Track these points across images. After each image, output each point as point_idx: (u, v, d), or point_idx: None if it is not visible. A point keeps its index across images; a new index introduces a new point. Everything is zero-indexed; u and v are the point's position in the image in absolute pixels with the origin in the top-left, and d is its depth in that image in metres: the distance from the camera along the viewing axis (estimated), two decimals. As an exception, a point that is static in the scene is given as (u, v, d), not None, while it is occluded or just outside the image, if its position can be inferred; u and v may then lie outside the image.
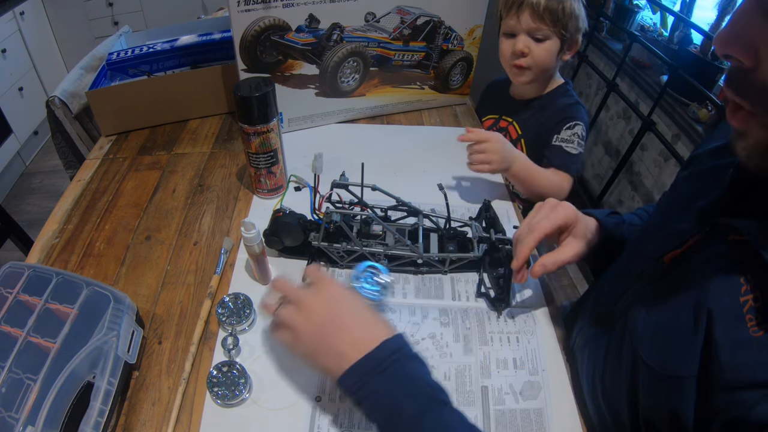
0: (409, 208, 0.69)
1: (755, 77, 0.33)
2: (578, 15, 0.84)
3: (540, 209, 0.61)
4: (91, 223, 0.78)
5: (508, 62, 0.89)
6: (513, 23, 0.85)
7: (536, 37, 0.85)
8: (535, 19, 0.83)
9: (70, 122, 1.02)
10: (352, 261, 0.69)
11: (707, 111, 1.40)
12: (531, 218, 0.61)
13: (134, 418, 0.53)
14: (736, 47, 0.33)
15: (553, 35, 0.84)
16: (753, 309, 0.36)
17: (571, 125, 0.87)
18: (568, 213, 0.60)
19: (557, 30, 0.84)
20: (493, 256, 0.67)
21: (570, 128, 0.87)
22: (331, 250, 0.67)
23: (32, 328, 0.53)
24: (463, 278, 0.69)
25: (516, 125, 0.96)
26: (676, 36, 1.64)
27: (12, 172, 2.25)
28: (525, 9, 0.83)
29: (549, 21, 0.83)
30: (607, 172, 1.86)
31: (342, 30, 0.90)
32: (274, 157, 0.76)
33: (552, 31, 0.84)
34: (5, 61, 2.12)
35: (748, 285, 0.37)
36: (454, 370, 0.58)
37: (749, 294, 0.36)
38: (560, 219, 0.59)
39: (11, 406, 0.47)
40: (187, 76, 0.99)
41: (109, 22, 2.57)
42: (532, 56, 0.86)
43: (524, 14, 0.83)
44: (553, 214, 0.59)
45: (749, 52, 0.32)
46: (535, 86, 0.93)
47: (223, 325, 0.60)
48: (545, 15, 0.82)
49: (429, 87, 1.06)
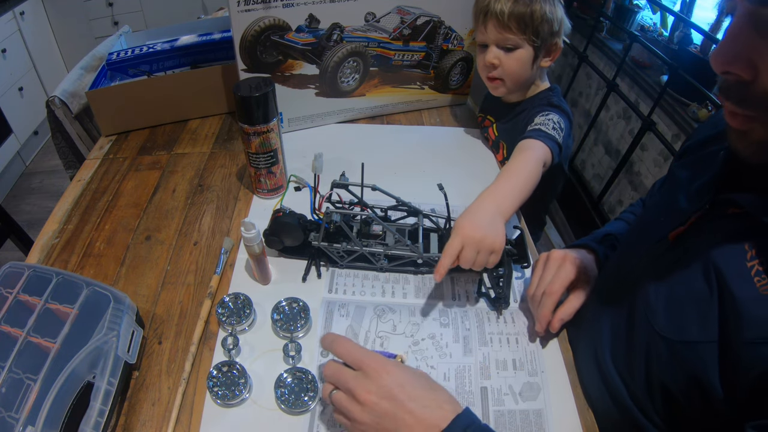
0: (409, 208, 0.69)
1: (755, 88, 0.34)
2: (551, 18, 0.79)
3: (547, 266, 0.62)
4: (91, 223, 0.78)
5: (483, 75, 0.87)
6: (481, 35, 0.83)
7: (506, 47, 0.81)
8: (500, 29, 0.79)
9: (70, 122, 1.02)
10: (352, 261, 0.69)
11: (707, 111, 1.40)
12: (540, 277, 0.62)
13: (134, 418, 0.53)
14: (734, 64, 0.34)
15: (524, 43, 0.80)
16: (760, 272, 0.38)
17: (545, 113, 0.82)
18: (575, 267, 0.61)
19: (527, 37, 0.79)
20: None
21: (544, 115, 0.81)
22: (331, 250, 0.67)
23: (32, 328, 0.53)
24: (463, 278, 0.69)
25: (494, 128, 0.95)
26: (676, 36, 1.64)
27: (12, 172, 2.25)
28: (490, 19, 0.79)
29: (516, 29, 0.78)
30: (607, 172, 1.86)
31: (342, 30, 0.90)
32: (274, 157, 0.76)
33: (521, 39, 0.79)
34: (5, 61, 2.12)
35: (752, 251, 0.39)
36: (453, 370, 0.58)
37: (755, 259, 0.39)
38: (571, 276, 0.60)
39: (11, 406, 0.47)
40: (187, 76, 0.99)
41: (109, 22, 2.57)
42: (502, 67, 0.82)
43: (490, 24, 0.80)
44: (563, 273, 0.61)
45: (747, 67, 0.34)
46: (516, 93, 0.90)
47: (223, 325, 0.60)
48: (511, 23, 0.78)
49: (429, 87, 1.06)
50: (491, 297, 0.65)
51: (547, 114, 0.81)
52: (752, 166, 0.40)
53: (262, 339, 0.61)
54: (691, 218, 0.46)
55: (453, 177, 0.89)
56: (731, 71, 0.35)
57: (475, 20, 0.83)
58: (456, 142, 1.00)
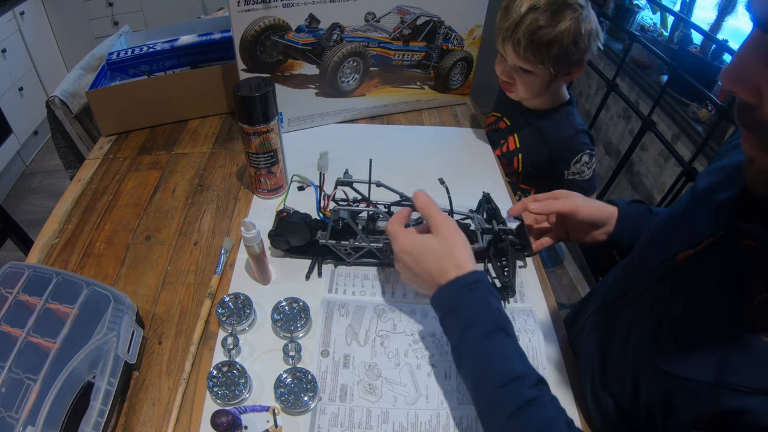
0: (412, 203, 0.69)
1: (759, 114, 0.33)
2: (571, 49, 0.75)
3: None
4: (91, 223, 0.78)
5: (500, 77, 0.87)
6: (501, 51, 0.82)
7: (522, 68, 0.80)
8: (516, 57, 0.78)
9: (70, 122, 1.02)
10: (360, 258, 0.69)
11: (707, 111, 1.40)
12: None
13: (134, 418, 0.53)
14: (740, 86, 0.33)
15: (540, 71, 0.78)
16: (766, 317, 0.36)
17: (577, 158, 0.85)
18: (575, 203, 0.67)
19: (544, 66, 0.77)
20: (497, 246, 0.68)
21: (577, 161, 0.85)
22: (338, 248, 0.67)
23: (32, 328, 0.53)
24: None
25: (516, 137, 0.94)
26: (676, 36, 1.64)
27: (12, 172, 2.25)
28: (508, 43, 0.78)
29: (532, 60, 0.76)
30: (607, 172, 1.86)
31: (342, 30, 0.90)
32: (274, 157, 0.76)
33: (538, 68, 0.78)
34: (5, 61, 2.12)
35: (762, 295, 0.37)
36: (454, 368, 0.57)
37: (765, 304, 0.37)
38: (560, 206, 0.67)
39: (11, 406, 0.47)
40: (187, 76, 0.99)
41: (109, 22, 2.56)
42: (516, 84, 0.82)
43: (508, 48, 0.79)
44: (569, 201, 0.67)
45: (753, 91, 0.33)
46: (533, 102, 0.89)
47: (223, 325, 0.60)
48: (527, 55, 0.76)
49: (429, 87, 1.06)
50: (497, 287, 0.65)
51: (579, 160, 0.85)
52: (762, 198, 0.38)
53: (262, 339, 0.61)
54: (704, 242, 0.44)
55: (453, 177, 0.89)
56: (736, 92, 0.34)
57: (496, 35, 0.81)
58: (456, 142, 1.00)
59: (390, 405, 0.54)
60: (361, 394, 0.55)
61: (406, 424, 0.53)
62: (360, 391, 0.55)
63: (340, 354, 0.59)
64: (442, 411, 0.54)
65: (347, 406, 0.54)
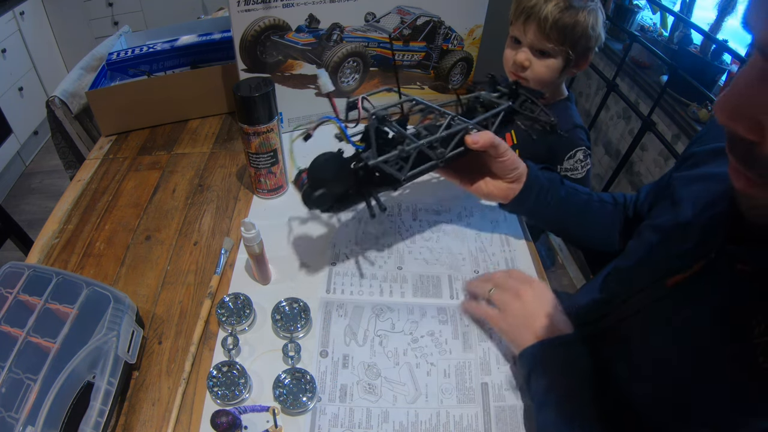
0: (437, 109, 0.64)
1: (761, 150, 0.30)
2: (591, 34, 0.78)
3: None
4: (91, 223, 0.78)
5: (509, 70, 0.88)
6: (518, 32, 0.83)
7: (540, 50, 0.81)
8: (540, 36, 0.79)
9: (70, 122, 1.02)
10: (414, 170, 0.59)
11: (707, 111, 1.40)
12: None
13: (134, 418, 0.53)
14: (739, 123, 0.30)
15: (559, 54, 0.80)
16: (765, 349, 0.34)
17: (571, 154, 0.86)
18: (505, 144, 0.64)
19: (564, 48, 0.79)
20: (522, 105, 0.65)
21: (571, 157, 0.86)
22: (389, 163, 0.56)
23: (32, 328, 0.53)
24: (461, 276, 0.69)
25: (513, 134, 0.95)
26: (676, 36, 1.64)
27: (12, 172, 2.25)
28: (532, 22, 0.78)
29: (555, 40, 0.77)
30: (607, 172, 1.86)
31: (342, 30, 0.90)
32: (274, 157, 0.76)
33: (558, 49, 0.79)
34: (5, 61, 2.12)
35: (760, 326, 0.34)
36: (453, 366, 0.58)
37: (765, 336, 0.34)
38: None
39: (11, 406, 0.47)
40: (187, 76, 0.99)
41: (109, 22, 2.57)
42: (532, 70, 0.83)
43: (530, 27, 0.79)
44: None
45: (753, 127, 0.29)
46: None
47: (223, 325, 0.60)
48: (552, 33, 0.77)
49: (429, 87, 1.06)
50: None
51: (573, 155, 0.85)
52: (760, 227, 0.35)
53: (261, 339, 0.61)
54: (694, 267, 0.41)
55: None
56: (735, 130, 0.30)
57: (516, 16, 0.82)
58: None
59: (390, 404, 0.54)
60: (361, 394, 0.55)
61: (407, 423, 0.53)
62: (359, 391, 0.55)
63: (339, 354, 0.59)
64: (442, 410, 0.54)
65: (347, 406, 0.54)
